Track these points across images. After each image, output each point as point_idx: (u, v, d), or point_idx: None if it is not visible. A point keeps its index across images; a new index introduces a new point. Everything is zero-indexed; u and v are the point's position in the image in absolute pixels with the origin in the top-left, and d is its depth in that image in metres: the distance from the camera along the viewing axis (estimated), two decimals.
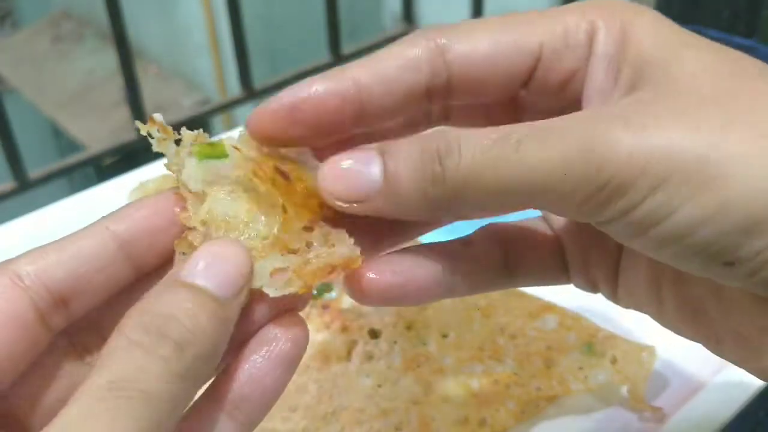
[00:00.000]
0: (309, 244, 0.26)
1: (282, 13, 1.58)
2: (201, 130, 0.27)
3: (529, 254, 0.30)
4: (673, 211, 0.22)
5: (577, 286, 0.31)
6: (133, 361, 0.22)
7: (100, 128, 1.63)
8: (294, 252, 0.26)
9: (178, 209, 0.27)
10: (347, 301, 0.46)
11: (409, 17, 1.14)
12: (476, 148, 0.23)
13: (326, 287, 0.47)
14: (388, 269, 0.27)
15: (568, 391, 0.41)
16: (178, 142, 0.27)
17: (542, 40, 0.26)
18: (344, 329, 0.45)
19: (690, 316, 0.27)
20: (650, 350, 0.42)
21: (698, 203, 0.22)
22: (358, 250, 0.26)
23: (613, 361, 0.42)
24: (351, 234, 0.26)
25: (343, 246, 0.26)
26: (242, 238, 0.26)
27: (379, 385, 0.42)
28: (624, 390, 0.42)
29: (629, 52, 0.25)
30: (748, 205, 0.21)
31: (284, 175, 0.27)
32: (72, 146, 1.70)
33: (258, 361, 0.25)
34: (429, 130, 0.25)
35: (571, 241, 0.30)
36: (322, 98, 0.26)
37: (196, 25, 1.64)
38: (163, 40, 1.80)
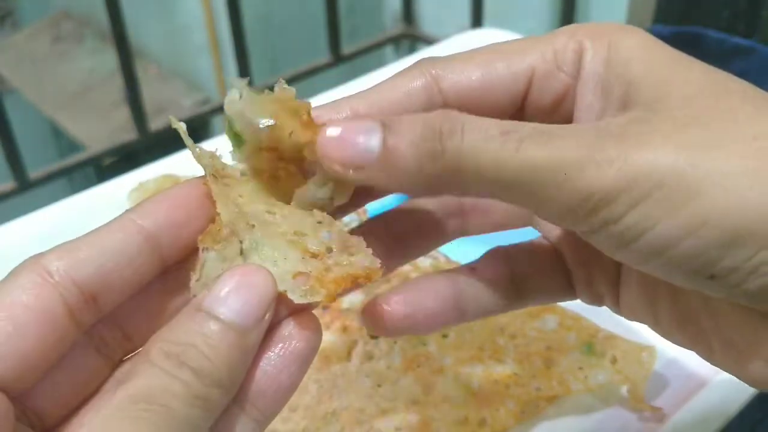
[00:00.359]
0: (328, 249, 0.26)
1: (282, 13, 1.58)
2: (216, 149, 0.28)
3: (536, 275, 0.31)
4: (653, 226, 0.23)
5: (584, 301, 0.32)
6: (156, 381, 0.23)
7: (100, 128, 1.63)
8: (315, 256, 0.26)
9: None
10: (347, 301, 0.46)
11: (409, 17, 1.14)
12: (479, 136, 0.24)
13: None
14: (400, 300, 0.29)
15: (568, 391, 0.41)
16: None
17: (533, 65, 0.28)
18: (344, 329, 0.45)
19: (684, 326, 0.28)
20: (650, 350, 0.42)
21: (677, 219, 0.23)
22: (378, 262, 0.26)
23: (613, 361, 0.42)
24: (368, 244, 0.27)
25: (363, 256, 0.26)
26: (266, 212, 0.26)
27: (379, 385, 0.42)
28: (624, 390, 0.42)
29: (617, 71, 0.26)
30: (726, 220, 0.22)
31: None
32: (72, 146, 1.70)
33: (273, 358, 0.25)
34: (434, 111, 0.26)
35: (573, 259, 0.31)
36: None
37: (196, 25, 1.64)
38: (163, 40, 1.80)
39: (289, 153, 0.27)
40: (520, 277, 0.31)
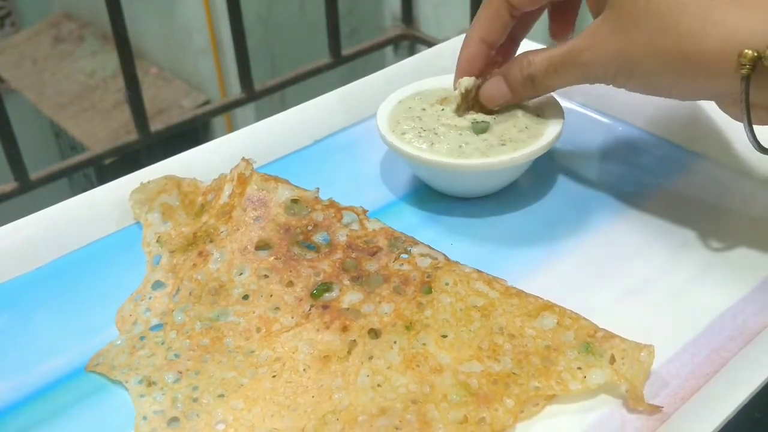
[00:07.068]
0: None
1: (282, 14, 1.58)
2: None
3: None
4: None
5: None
6: None
7: (100, 129, 1.64)
8: None
9: None
10: (347, 301, 0.47)
11: (408, 18, 1.14)
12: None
13: (326, 287, 0.47)
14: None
15: (566, 390, 0.41)
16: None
17: None
18: (344, 329, 0.45)
19: None
20: (649, 349, 0.42)
21: None
22: None
23: (612, 360, 0.42)
24: None
25: None
26: None
27: (379, 385, 0.42)
28: (623, 389, 0.42)
29: None
30: None
31: None
32: (73, 147, 1.71)
33: None
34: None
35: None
36: None
37: (197, 26, 1.64)
38: (163, 42, 1.81)
39: None
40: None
